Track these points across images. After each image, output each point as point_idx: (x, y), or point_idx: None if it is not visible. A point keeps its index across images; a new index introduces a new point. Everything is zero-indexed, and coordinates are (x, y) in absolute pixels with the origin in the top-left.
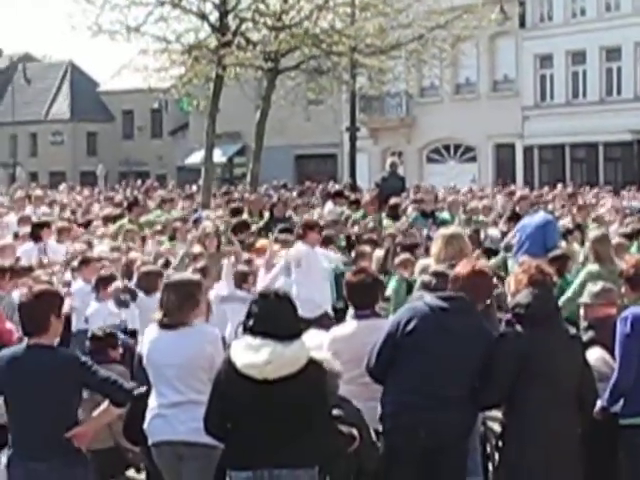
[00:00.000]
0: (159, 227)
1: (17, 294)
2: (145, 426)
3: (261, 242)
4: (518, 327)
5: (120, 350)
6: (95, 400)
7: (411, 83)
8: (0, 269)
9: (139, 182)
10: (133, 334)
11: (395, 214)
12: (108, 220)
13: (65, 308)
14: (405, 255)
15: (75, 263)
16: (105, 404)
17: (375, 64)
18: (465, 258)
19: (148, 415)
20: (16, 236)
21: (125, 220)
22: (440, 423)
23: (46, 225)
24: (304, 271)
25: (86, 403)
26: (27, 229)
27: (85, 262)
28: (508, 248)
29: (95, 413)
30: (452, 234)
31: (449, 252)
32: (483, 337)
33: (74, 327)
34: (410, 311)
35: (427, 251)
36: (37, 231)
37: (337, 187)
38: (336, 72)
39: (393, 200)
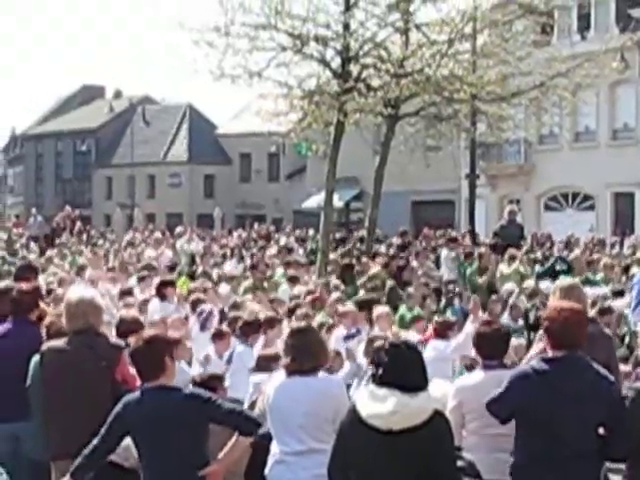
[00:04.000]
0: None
1: None
2: (267, 472)
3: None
4: None
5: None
6: (222, 436)
7: (531, 131)
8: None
9: (256, 225)
10: None
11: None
12: (230, 279)
13: None
14: None
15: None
16: (234, 438)
17: (495, 111)
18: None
19: (270, 460)
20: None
21: (249, 282)
22: (571, 475)
23: (170, 284)
24: None
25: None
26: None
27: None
28: (617, 293)
29: (225, 450)
30: (570, 285)
31: None
32: (603, 392)
33: None
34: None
35: None
36: (162, 289)
37: (454, 234)
38: (456, 119)
39: (511, 252)
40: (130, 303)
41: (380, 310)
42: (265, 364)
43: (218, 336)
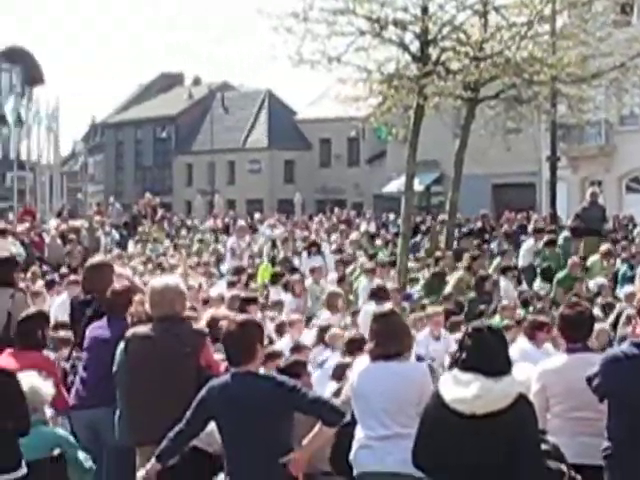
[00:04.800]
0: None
1: None
2: (351, 457)
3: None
4: None
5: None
6: (307, 424)
7: (611, 112)
8: None
9: (336, 210)
10: None
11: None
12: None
13: None
14: None
15: None
16: (317, 427)
17: (576, 93)
18: None
19: (355, 445)
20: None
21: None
22: None
23: (253, 301)
24: None
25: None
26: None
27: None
28: None
29: (308, 437)
30: None
31: None
32: None
33: None
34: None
35: None
36: (244, 306)
37: (536, 219)
38: (536, 101)
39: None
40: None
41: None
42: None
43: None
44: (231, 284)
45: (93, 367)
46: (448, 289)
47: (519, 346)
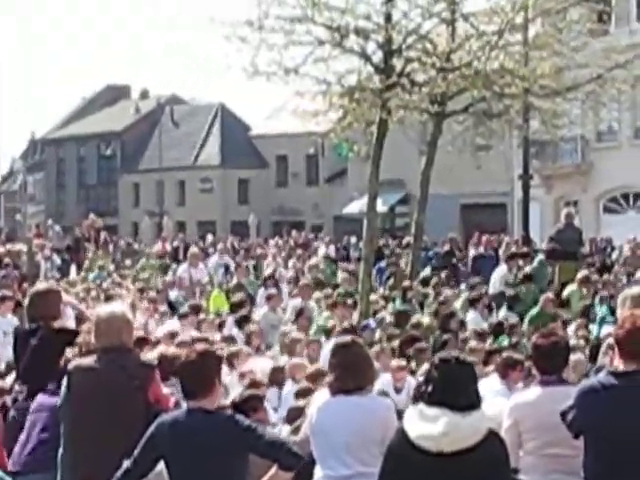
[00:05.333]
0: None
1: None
2: None
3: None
4: None
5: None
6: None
7: (588, 127)
8: None
9: (294, 233)
10: None
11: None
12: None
13: None
14: None
15: None
16: (273, 470)
17: (550, 107)
18: None
19: None
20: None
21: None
22: None
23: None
24: None
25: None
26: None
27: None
28: None
29: None
30: None
31: None
32: None
33: None
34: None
35: None
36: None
37: (508, 242)
38: (508, 116)
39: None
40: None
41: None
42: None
43: None
44: (183, 316)
45: (34, 431)
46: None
47: (490, 385)
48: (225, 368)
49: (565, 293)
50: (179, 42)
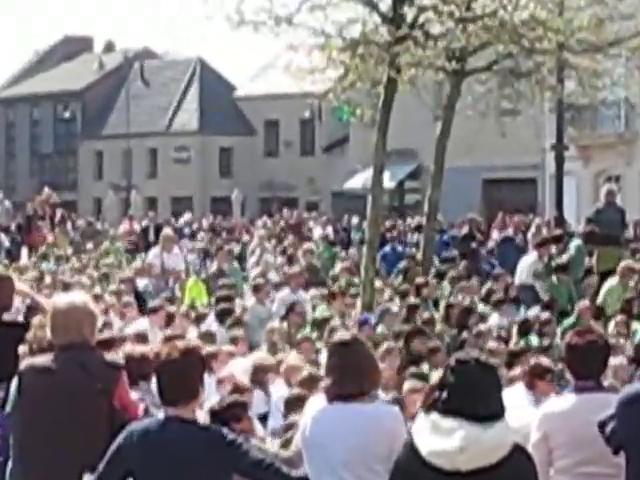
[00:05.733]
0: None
1: None
2: None
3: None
4: None
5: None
6: None
7: (633, 89)
8: None
9: (286, 211)
10: None
11: None
12: None
13: None
14: None
15: None
16: None
17: (588, 65)
18: None
19: None
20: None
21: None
22: None
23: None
24: None
25: None
26: None
27: None
28: None
29: None
30: None
31: None
32: None
33: None
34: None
35: None
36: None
37: (538, 224)
38: (538, 75)
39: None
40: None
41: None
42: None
43: None
44: (153, 311)
45: None
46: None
47: (514, 396)
48: None
49: (603, 291)
50: None
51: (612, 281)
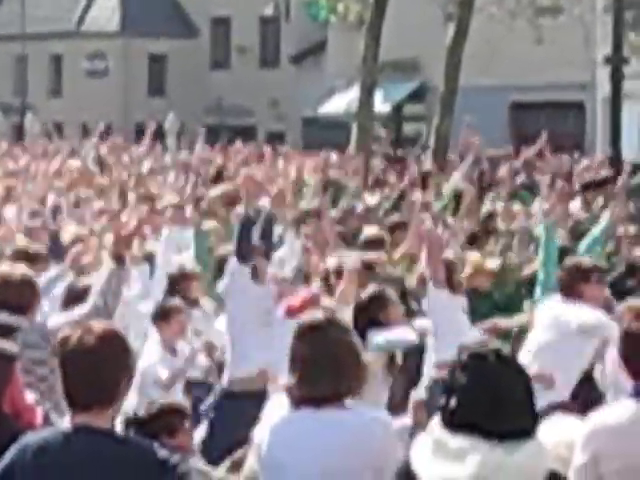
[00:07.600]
0: None
1: None
2: None
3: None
4: None
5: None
6: None
7: None
8: None
9: (239, 144)
10: None
11: None
12: None
13: None
14: None
15: None
16: None
17: None
18: None
19: None
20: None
21: None
22: None
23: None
24: None
25: None
26: None
27: None
28: None
29: None
30: None
31: None
32: None
33: None
34: None
35: None
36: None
37: (586, 165)
38: None
39: None
40: None
41: None
42: None
43: None
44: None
45: None
46: None
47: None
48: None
49: None
50: None
51: None
